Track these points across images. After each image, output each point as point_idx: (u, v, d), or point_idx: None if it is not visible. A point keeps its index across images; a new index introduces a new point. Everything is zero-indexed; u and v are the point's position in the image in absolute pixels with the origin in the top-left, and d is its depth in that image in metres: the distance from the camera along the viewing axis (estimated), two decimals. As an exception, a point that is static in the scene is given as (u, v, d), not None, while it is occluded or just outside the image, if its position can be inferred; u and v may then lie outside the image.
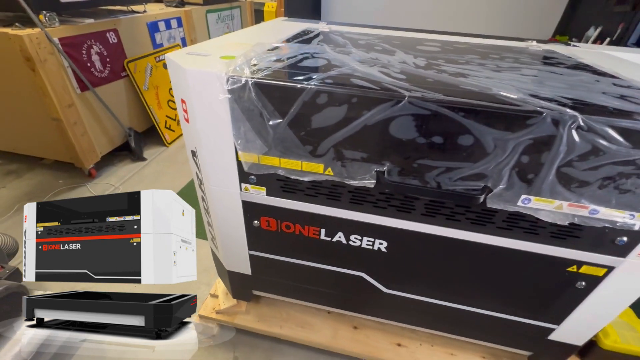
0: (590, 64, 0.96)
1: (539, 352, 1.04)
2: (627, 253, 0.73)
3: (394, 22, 4.59)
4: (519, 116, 0.60)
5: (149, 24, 2.46)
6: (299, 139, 0.73)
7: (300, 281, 1.10)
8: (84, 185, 2.13)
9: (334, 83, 0.66)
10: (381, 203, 0.80)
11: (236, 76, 0.67)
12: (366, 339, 1.21)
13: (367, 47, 1.00)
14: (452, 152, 0.67)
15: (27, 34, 1.62)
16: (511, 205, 0.70)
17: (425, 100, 0.62)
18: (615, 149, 0.59)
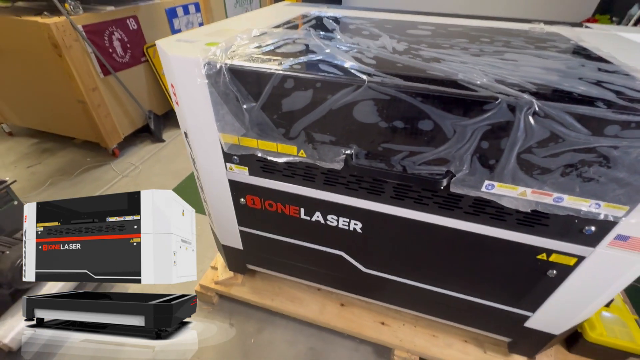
0: (589, 48, 0.92)
1: (517, 339, 1.05)
2: (597, 243, 0.72)
3: (417, 5, 4.40)
4: (475, 102, 0.60)
5: (168, 10, 2.55)
6: (272, 122, 0.77)
7: (287, 257, 1.16)
8: (108, 163, 2.31)
9: (301, 69, 0.69)
10: (352, 185, 0.83)
11: (212, 62, 0.72)
12: (351, 315, 1.27)
13: (354, 32, 1.01)
14: (414, 136, 0.68)
15: (54, 22, 1.76)
16: (474, 191, 0.71)
17: (384, 86, 0.63)
18: (575, 136, 0.58)
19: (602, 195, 0.64)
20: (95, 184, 2.12)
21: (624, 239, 0.69)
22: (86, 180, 2.16)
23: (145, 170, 2.27)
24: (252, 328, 1.34)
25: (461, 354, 1.15)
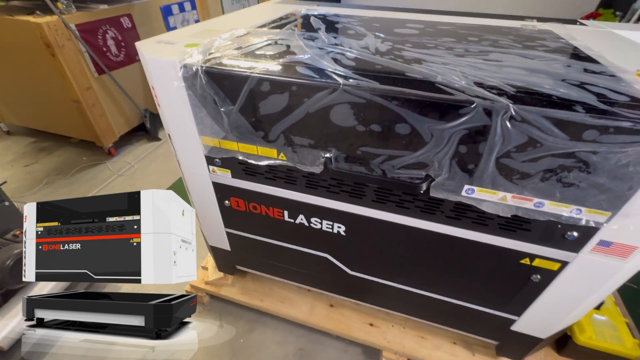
0: (579, 47, 0.89)
1: (504, 342, 1.04)
2: (579, 249, 0.70)
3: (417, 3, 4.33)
4: (451, 106, 0.59)
5: (163, 7, 2.53)
6: (251, 125, 0.76)
7: (274, 259, 1.16)
8: (104, 162, 2.32)
9: (277, 71, 0.68)
10: (334, 188, 0.82)
11: (188, 64, 0.71)
12: (340, 317, 1.27)
13: (340, 31, 0.99)
14: (392, 140, 0.67)
15: (45, 21, 1.75)
16: (454, 195, 0.70)
17: (360, 89, 0.62)
18: (553, 141, 0.57)
19: (583, 200, 0.62)
20: (90, 183, 2.13)
21: (606, 245, 0.68)
22: (82, 179, 2.17)
23: (141, 169, 2.28)
24: (242, 328, 1.34)
25: (449, 356, 1.15)
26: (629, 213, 0.61)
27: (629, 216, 0.61)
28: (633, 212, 0.60)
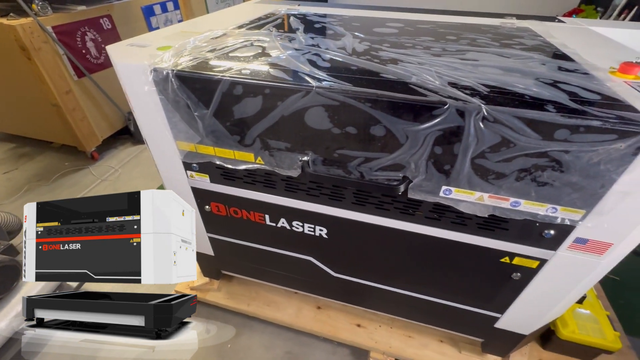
0: (555, 44, 0.90)
1: (488, 339, 1.05)
2: (557, 246, 0.71)
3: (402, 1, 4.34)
4: (425, 107, 0.58)
5: (144, 7, 2.48)
6: (226, 129, 0.75)
7: (258, 263, 1.15)
8: (86, 167, 2.26)
9: (250, 74, 0.67)
10: (313, 191, 0.81)
11: (159, 68, 0.69)
12: (327, 318, 1.26)
13: (318, 31, 0.98)
14: (368, 142, 0.66)
15: (20, 23, 1.70)
16: (432, 196, 0.69)
17: (333, 91, 0.61)
18: (525, 141, 0.57)
19: (558, 199, 0.63)
20: (73, 189, 2.07)
21: (583, 242, 0.68)
22: (64, 185, 2.11)
23: (125, 174, 2.23)
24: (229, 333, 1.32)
25: (436, 354, 1.15)
26: (602, 211, 0.61)
27: (603, 214, 0.61)
28: (606, 209, 0.61)
